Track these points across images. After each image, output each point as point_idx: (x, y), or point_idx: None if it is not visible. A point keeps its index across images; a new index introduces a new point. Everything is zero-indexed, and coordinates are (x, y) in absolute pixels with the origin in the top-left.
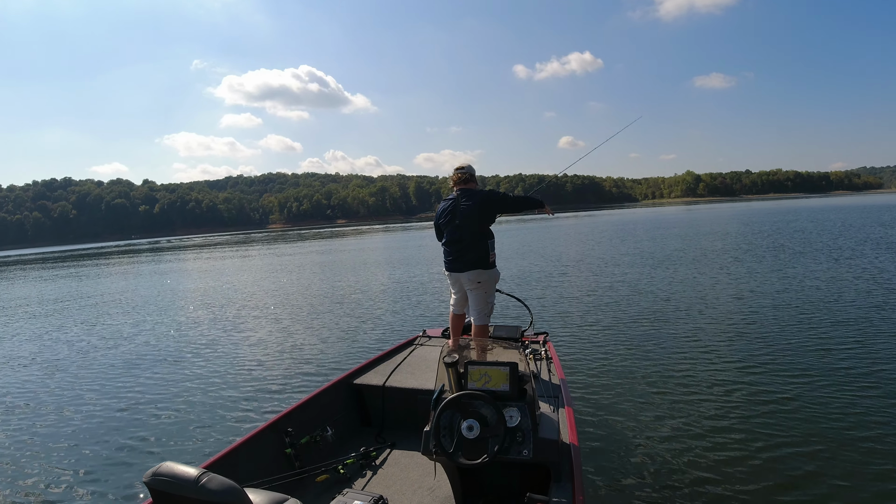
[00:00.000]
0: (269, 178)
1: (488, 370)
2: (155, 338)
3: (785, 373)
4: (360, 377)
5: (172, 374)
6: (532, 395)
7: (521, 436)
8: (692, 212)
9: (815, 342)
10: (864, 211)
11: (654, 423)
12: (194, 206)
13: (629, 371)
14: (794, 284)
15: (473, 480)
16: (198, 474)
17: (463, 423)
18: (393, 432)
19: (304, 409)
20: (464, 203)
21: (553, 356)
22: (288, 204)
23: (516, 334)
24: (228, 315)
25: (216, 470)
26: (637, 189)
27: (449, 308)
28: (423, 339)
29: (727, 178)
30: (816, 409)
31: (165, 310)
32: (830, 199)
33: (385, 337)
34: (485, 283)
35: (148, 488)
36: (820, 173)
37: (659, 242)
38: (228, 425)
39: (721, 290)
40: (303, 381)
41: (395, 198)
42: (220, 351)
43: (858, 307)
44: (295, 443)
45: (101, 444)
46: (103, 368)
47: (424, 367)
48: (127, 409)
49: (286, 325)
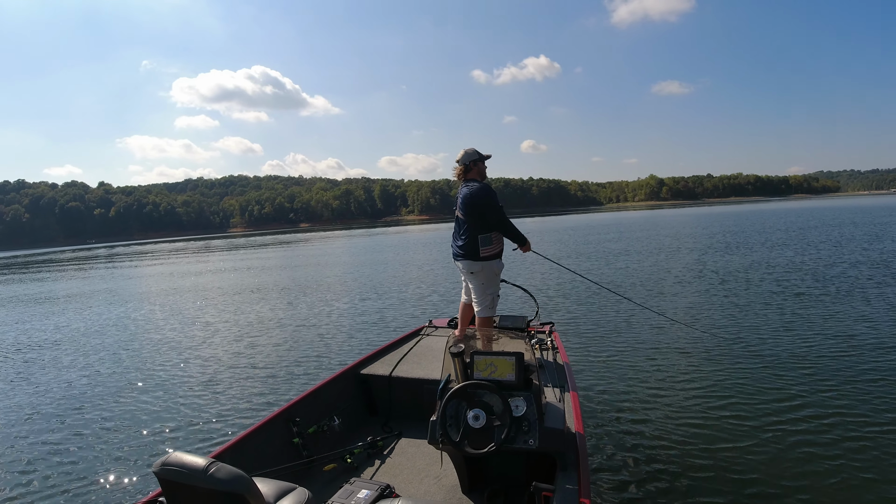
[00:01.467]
0: (229, 180)
1: (494, 360)
2: (163, 330)
3: (793, 361)
4: (366, 367)
5: (181, 365)
6: (538, 385)
7: (527, 425)
8: (673, 215)
9: (826, 333)
10: (846, 212)
11: (660, 413)
12: (152, 210)
13: (634, 360)
14: (796, 278)
15: (479, 469)
16: (206, 464)
17: (469, 413)
18: (399, 422)
19: (311, 398)
20: (460, 194)
21: (559, 346)
22: (249, 207)
23: (522, 324)
24: (235, 308)
25: (224, 459)
26: (602, 193)
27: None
28: (430, 330)
29: (689, 182)
30: (826, 401)
31: (173, 303)
32: (800, 203)
33: (391, 327)
34: (478, 274)
35: (157, 478)
36: (779, 177)
37: (654, 240)
38: (237, 415)
39: (726, 283)
40: (310, 372)
41: (359, 201)
42: (227, 342)
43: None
44: (302, 432)
45: (109, 434)
46: (112, 360)
47: (431, 357)
48: (136, 400)
49: (293, 316)
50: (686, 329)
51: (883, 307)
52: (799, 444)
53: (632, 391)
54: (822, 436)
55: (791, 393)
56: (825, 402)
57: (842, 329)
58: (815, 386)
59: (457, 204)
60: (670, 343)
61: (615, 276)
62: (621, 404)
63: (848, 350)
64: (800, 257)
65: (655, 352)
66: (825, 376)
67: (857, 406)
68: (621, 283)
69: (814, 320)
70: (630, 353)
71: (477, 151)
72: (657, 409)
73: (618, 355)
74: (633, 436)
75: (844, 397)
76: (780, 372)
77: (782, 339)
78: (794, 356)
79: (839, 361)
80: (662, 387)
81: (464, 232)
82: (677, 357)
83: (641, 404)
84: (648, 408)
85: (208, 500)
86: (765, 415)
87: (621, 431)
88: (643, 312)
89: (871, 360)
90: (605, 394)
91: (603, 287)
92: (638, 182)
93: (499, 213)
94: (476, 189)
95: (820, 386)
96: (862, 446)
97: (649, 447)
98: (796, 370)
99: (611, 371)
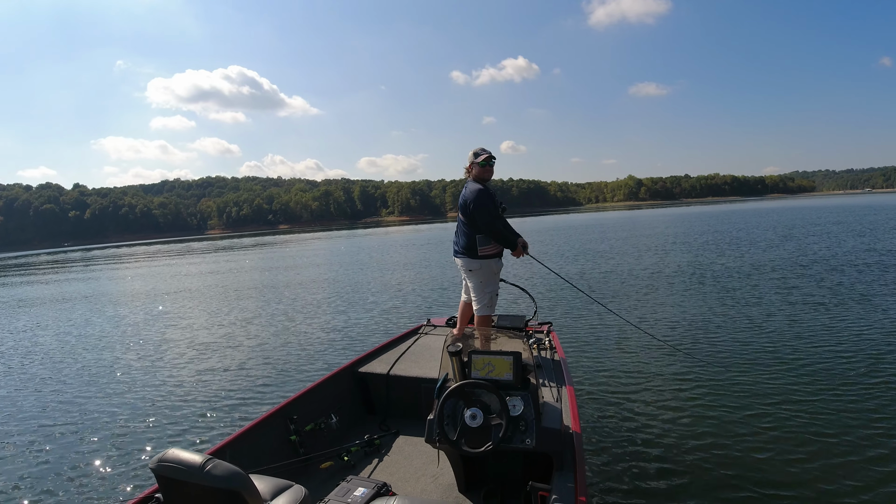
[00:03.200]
0: (207, 182)
1: (492, 359)
2: (160, 329)
3: (790, 359)
4: (364, 365)
5: (178, 362)
6: (535, 385)
7: (525, 425)
8: (653, 215)
9: (825, 332)
10: (825, 211)
11: (657, 413)
12: (128, 212)
13: (632, 360)
14: (792, 277)
15: (476, 468)
16: (203, 461)
17: (466, 412)
18: (397, 420)
19: (308, 396)
20: (463, 193)
21: (557, 346)
22: (227, 209)
23: (520, 324)
24: (233, 306)
25: (221, 456)
26: (581, 193)
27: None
28: (428, 328)
29: (667, 183)
30: (824, 399)
31: (167, 303)
32: (778, 203)
33: (390, 326)
34: (477, 272)
35: (154, 474)
36: (755, 177)
37: (653, 238)
38: (234, 412)
39: (727, 279)
40: (308, 369)
41: (339, 202)
42: (225, 339)
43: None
44: (300, 430)
45: (107, 430)
46: (110, 356)
47: (428, 355)
48: (133, 397)
49: (291, 314)
50: (684, 331)
51: (882, 308)
52: (795, 441)
53: (629, 391)
54: (818, 434)
55: (788, 391)
56: (823, 400)
57: (843, 329)
58: (812, 384)
59: (459, 202)
60: (671, 343)
61: (606, 281)
62: (619, 404)
63: (847, 348)
64: (794, 257)
65: (653, 352)
66: (822, 375)
67: (858, 407)
68: (619, 279)
69: (813, 319)
70: (627, 353)
71: (476, 154)
72: (654, 408)
73: (616, 355)
74: (630, 435)
75: (842, 396)
76: (777, 370)
77: (779, 337)
78: (792, 354)
79: (836, 359)
80: (660, 387)
81: (463, 231)
82: (675, 357)
83: (639, 404)
84: (646, 407)
85: (205, 497)
86: (761, 413)
87: (619, 431)
88: (641, 311)
89: (873, 361)
90: (603, 393)
91: (594, 300)
92: (616, 182)
93: (486, 219)
94: (469, 193)
95: (817, 385)
96: (862, 446)
97: (646, 446)
98: (793, 368)
99: (608, 371)
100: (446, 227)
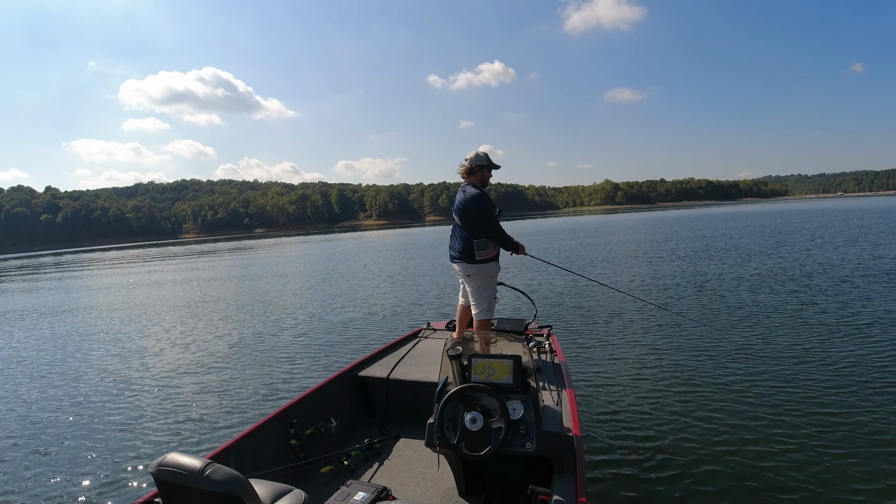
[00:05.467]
0: (182, 184)
1: (492, 363)
2: (160, 331)
3: (793, 361)
4: (364, 369)
5: (178, 366)
6: (535, 388)
7: (525, 428)
8: (631, 219)
9: (817, 329)
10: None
11: (658, 416)
12: (101, 215)
13: (632, 363)
14: (798, 277)
15: (477, 472)
16: (203, 465)
17: (466, 416)
18: (397, 424)
19: (308, 400)
20: (457, 198)
21: (557, 349)
22: (202, 212)
23: (520, 327)
24: (233, 309)
25: (221, 461)
26: (558, 197)
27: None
28: (428, 332)
29: (643, 187)
30: (827, 401)
31: (169, 306)
32: (753, 207)
33: (390, 329)
34: (475, 277)
35: (154, 479)
36: (729, 182)
37: (653, 242)
38: (233, 416)
39: (730, 281)
40: (307, 373)
41: (316, 206)
42: (225, 343)
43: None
44: (299, 434)
45: (106, 435)
46: (108, 360)
47: (428, 359)
48: (133, 401)
49: (291, 317)
50: (685, 332)
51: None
52: (797, 442)
53: (630, 394)
54: (819, 435)
55: (790, 393)
56: (825, 402)
57: (847, 332)
58: (816, 386)
59: (454, 206)
60: (670, 347)
61: (615, 276)
62: (619, 407)
63: (851, 351)
64: (793, 261)
65: (654, 355)
66: (827, 377)
67: (858, 409)
68: (621, 282)
69: (818, 321)
70: (628, 355)
71: (488, 157)
72: (655, 412)
73: (616, 358)
74: (630, 439)
75: (847, 397)
76: (781, 372)
77: (782, 339)
78: (794, 356)
79: (841, 362)
80: (661, 390)
81: (460, 235)
82: (677, 361)
83: (639, 407)
84: (647, 411)
85: (205, 502)
86: (764, 415)
87: (619, 434)
88: (642, 315)
89: (878, 359)
90: (603, 397)
91: (606, 286)
92: (593, 187)
93: (492, 224)
94: (471, 198)
95: (821, 386)
96: (862, 449)
97: (647, 450)
98: (796, 371)
99: (609, 374)
100: (424, 230)
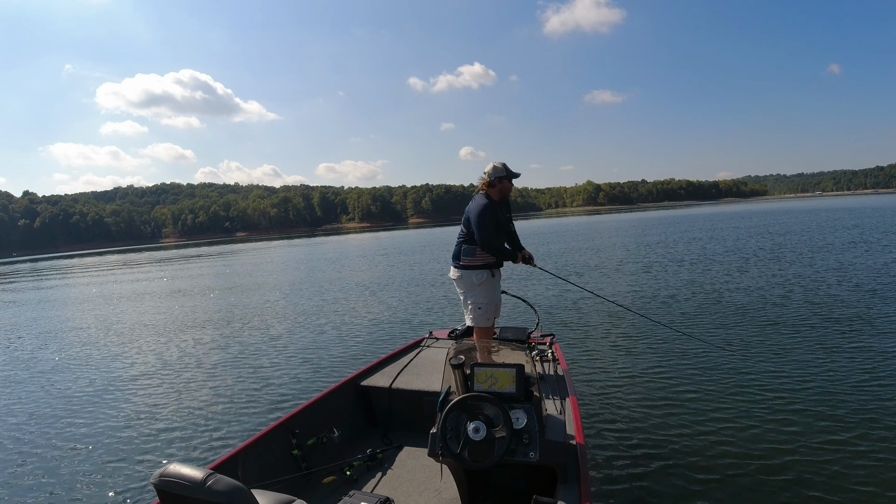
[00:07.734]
0: (161, 188)
1: (495, 372)
2: (161, 341)
3: (798, 370)
4: (366, 378)
5: (179, 376)
6: (538, 397)
7: (528, 438)
8: (614, 220)
9: (821, 335)
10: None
11: (662, 425)
12: (79, 220)
13: (636, 372)
14: (799, 283)
15: (480, 482)
16: (204, 475)
17: (469, 425)
18: (399, 434)
19: (310, 410)
20: (469, 204)
21: (560, 357)
22: (182, 216)
23: (523, 336)
24: (235, 318)
25: (223, 471)
26: (541, 198)
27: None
28: (430, 341)
29: (625, 188)
30: (831, 408)
31: (170, 315)
32: (734, 207)
33: (392, 338)
34: (457, 281)
35: (155, 489)
36: (709, 182)
37: (644, 246)
38: (235, 427)
39: (732, 286)
40: (310, 383)
41: (298, 209)
42: (226, 353)
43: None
44: (302, 444)
45: (108, 445)
46: (110, 370)
47: (431, 368)
48: (135, 411)
49: (293, 326)
50: (689, 341)
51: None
52: (801, 452)
53: (633, 402)
54: (824, 443)
55: (794, 401)
56: (830, 409)
57: (848, 339)
58: (819, 392)
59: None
60: (672, 354)
61: (618, 283)
62: (623, 416)
63: (858, 357)
64: (793, 264)
65: (657, 363)
66: (833, 384)
67: (860, 410)
68: (624, 290)
69: (823, 327)
70: (631, 364)
71: (506, 167)
72: (659, 420)
73: (619, 366)
74: (634, 448)
75: (854, 406)
76: (784, 380)
77: (787, 347)
78: (800, 364)
79: (847, 371)
80: (665, 398)
81: (457, 239)
82: (679, 368)
83: (643, 416)
84: (650, 419)
85: None
86: (771, 424)
87: (623, 443)
88: (644, 324)
89: (877, 364)
90: (607, 405)
91: (613, 302)
92: (575, 188)
93: (482, 234)
94: (473, 205)
95: (825, 394)
96: (863, 452)
97: (651, 459)
98: (804, 379)
99: (612, 382)
100: (407, 234)
